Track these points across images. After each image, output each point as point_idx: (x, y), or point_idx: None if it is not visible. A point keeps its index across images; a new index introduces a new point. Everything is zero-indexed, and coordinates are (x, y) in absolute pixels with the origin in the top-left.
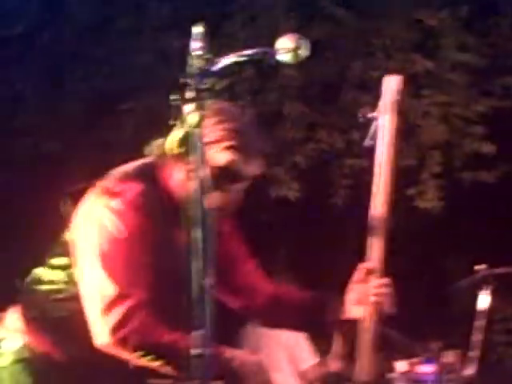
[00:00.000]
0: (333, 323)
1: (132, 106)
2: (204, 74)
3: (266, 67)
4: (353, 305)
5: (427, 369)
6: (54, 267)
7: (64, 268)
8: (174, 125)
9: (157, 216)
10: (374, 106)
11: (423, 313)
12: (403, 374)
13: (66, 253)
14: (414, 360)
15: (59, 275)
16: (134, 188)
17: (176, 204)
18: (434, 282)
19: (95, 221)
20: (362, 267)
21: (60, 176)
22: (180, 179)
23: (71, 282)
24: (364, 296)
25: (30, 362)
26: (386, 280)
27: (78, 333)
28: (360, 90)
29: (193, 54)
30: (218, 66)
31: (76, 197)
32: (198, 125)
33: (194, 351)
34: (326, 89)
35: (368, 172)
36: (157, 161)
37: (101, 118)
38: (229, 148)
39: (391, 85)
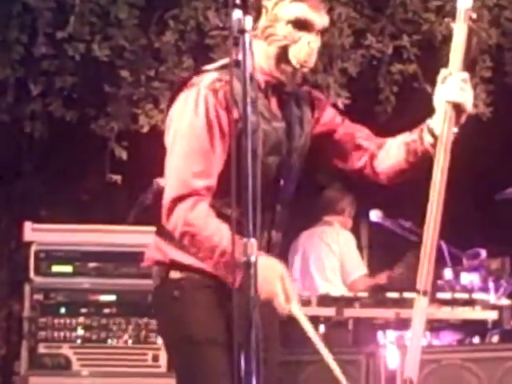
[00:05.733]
0: (432, 145)
1: (177, 12)
2: None
3: None
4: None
5: (474, 276)
6: None
7: None
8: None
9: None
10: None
11: (470, 220)
12: (450, 281)
13: None
14: (461, 267)
15: None
16: (209, 76)
17: (263, 89)
18: (481, 189)
19: (175, 112)
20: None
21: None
22: (271, 59)
23: None
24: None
25: None
26: (465, 75)
27: None
28: None
29: None
30: None
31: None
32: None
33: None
34: None
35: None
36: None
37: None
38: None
39: None
